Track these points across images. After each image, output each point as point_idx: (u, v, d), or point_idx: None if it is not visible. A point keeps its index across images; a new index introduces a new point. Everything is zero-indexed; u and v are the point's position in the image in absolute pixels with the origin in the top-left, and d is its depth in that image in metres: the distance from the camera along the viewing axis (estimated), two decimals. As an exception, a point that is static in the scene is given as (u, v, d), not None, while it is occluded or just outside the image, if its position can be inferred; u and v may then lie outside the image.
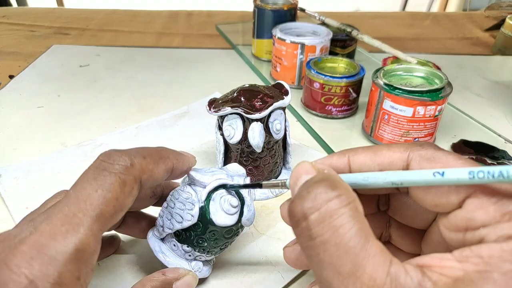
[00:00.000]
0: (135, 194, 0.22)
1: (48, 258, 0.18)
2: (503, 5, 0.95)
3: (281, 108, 0.36)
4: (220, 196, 0.26)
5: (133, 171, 0.21)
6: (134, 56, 0.70)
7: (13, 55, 0.70)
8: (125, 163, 0.21)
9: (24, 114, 0.52)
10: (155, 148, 0.24)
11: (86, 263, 0.19)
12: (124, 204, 0.21)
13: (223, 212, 0.26)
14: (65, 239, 0.18)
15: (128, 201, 0.21)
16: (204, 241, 0.27)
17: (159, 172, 0.23)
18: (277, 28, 0.58)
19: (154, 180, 0.23)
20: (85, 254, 0.19)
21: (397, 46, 0.53)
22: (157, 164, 0.23)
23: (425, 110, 0.41)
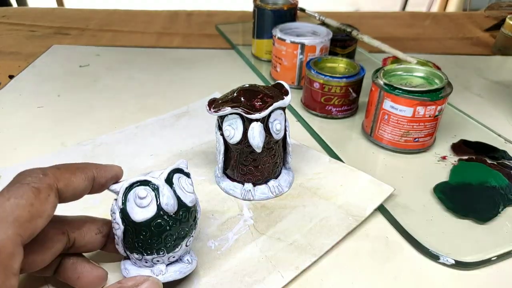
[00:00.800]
0: (53, 202, 0.22)
1: None
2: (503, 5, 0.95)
3: (281, 108, 0.36)
4: (132, 194, 0.26)
5: (46, 179, 0.22)
6: (134, 56, 0.70)
7: (13, 55, 0.70)
8: (37, 174, 0.22)
9: (24, 114, 0.52)
10: (72, 163, 0.25)
11: (4, 267, 0.19)
12: (41, 210, 0.21)
13: (137, 207, 0.26)
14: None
15: (45, 208, 0.22)
16: (144, 242, 0.26)
17: (77, 180, 0.24)
18: (277, 28, 0.58)
19: (74, 188, 0.24)
20: (1, 257, 0.19)
21: (397, 46, 0.53)
22: (74, 173, 0.24)
23: (425, 110, 0.41)
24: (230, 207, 0.37)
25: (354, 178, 0.40)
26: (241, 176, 0.38)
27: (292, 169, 0.41)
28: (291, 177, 0.40)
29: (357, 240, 0.34)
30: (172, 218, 0.26)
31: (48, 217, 0.22)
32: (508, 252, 0.33)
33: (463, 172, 0.42)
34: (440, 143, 0.47)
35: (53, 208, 0.22)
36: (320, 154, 0.44)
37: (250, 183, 0.38)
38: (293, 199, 0.38)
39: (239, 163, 0.37)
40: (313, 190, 0.39)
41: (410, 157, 0.45)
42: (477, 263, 0.32)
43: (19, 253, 0.20)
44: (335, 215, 0.36)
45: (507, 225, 0.36)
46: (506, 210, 0.37)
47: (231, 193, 0.38)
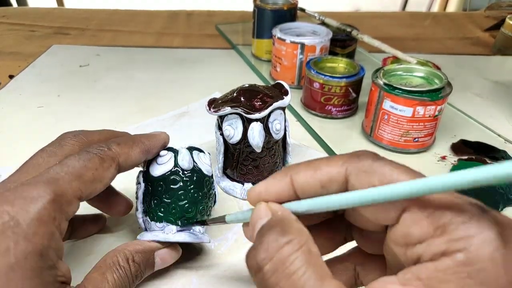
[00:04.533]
0: (113, 173, 0.25)
1: (29, 199, 0.21)
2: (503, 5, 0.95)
3: (281, 108, 0.36)
4: (155, 158, 0.29)
5: (110, 153, 0.25)
6: (134, 56, 0.70)
7: (13, 55, 0.70)
8: (103, 148, 0.25)
9: (24, 114, 0.52)
10: (128, 136, 0.29)
11: (61, 209, 0.22)
12: (103, 176, 0.24)
13: (157, 164, 0.29)
14: (46, 186, 0.21)
15: (106, 175, 0.25)
16: (159, 198, 0.29)
17: (135, 154, 0.27)
18: (277, 28, 0.58)
19: (133, 161, 0.27)
20: (61, 200, 0.22)
21: (397, 46, 0.53)
22: (132, 147, 0.27)
23: (425, 110, 0.41)
24: (230, 207, 0.37)
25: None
26: (241, 176, 0.38)
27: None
28: (291, 177, 0.40)
29: (357, 240, 0.34)
30: (186, 176, 0.29)
31: (106, 184, 0.25)
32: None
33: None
34: (440, 143, 0.47)
35: (112, 178, 0.25)
36: (320, 154, 0.44)
37: (250, 183, 0.38)
38: (293, 199, 0.38)
39: (239, 163, 0.37)
40: (313, 190, 0.39)
41: (410, 157, 0.45)
42: (477, 263, 0.32)
43: (76, 204, 0.23)
44: (335, 215, 0.36)
45: (507, 225, 0.36)
46: (506, 210, 0.37)
47: (231, 193, 0.38)
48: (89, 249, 0.33)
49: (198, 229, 0.30)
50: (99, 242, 0.33)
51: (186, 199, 0.29)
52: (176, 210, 0.29)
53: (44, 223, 0.20)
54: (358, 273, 0.23)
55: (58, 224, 0.22)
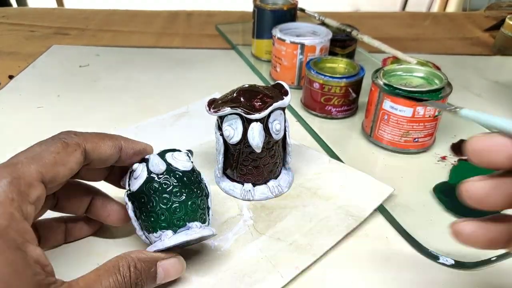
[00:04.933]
0: (78, 158, 0.25)
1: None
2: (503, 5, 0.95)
3: (281, 108, 0.36)
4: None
5: (75, 138, 0.26)
6: (134, 56, 0.70)
7: (13, 55, 0.70)
8: (70, 133, 0.26)
9: (24, 114, 0.52)
10: (105, 132, 0.29)
11: (20, 191, 0.22)
12: (65, 160, 0.25)
13: (133, 180, 0.30)
14: (3, 170, 0.22)
15: (69, 159, 0.25)
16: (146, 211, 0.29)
17: (105, 145, 0.27)
18: (277, 28, 0.58)
19: (101, 153, 0.27)
20: (20, 183, 0.22)
21: (397, 46, 0.53)
22: (102, 138, 0.27)
23: (425, 110, 0.41)
24: (229, 207, 0.37)
25: (354, 178, 0.40)
26: (240, 176, 0.38)
27: (292, 169, 0.41)
28: (291, 177, 0.40)
29: (357, 240, 0.34)
30: (163, 180, 0.29)
31: (71, 169, 0.25)
32: (508, 252, 0.33)
33: (463, 172, 0.42)
34: (440, 143, 0.47)
35: (77, 164, 0.26)
36: (320, 154, 0.44)
37: (249, 183, 0.38)
38: (293, 199, 0.38)
39: (238, 163, 0.37)
40: (313, 190, 0.39)
41: (410, 157, 0.45)
42: (477, 263, 0.32)
43: (38, 187, 0.23)
44: (335, 215, 0.36)
45: (507, 225, 0.36)
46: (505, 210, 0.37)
47: (231, 193, 0.38)
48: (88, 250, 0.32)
49: (195, 225, 0.29)
50: (98, 246, 0.33)
51: (170, 201, 0.28)
52: (165, 215, 0.28)
53: (1, 204, 0.21)
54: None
55: (18, 205, 0.22)
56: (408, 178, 0.41)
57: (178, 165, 0.30)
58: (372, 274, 0.32)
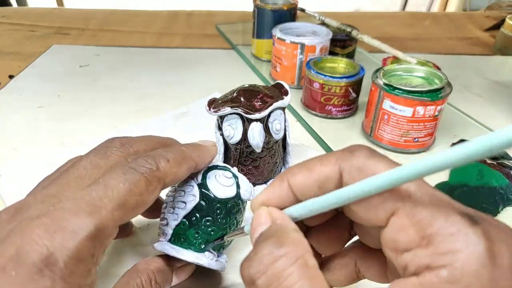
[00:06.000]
0: (158, 194, 0.23)
1: (69, 232, 0.18)
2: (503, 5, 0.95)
3: (281, 108, 0.36)
4: (214, 174, 0.27)
5: (158, 174, 0.22)
6: (134, 56, 0.70)
7: (13, 55, 0.70)
8: (151, 167, 0.22)
9: (24, 114, 0.52)
10: (178, 150, 0.25)
11: (101, 244, 0.20)
12: (146, 200, 0.22)
13: (220, 185, 0.27)
14: (87, 217, 0.19)
15: (150, 199, 0.22)
16: (211, 221, 0.27)
17: (182, 172, 0.24)
18: (277, 28, 0.58)
19: (177, 180, 0.25)
20: (102, 235, 0.20)
21: (397, 46, 0.53)
22: (180, 166, 0.24)
23: (425, 110, 0.41)
24: (230, 207, 0.37)
25: (354, 178, 0.40)
26: (241, 176, 0.38)
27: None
28: (291, 177, 0.40)
29: (357, 240, 0.34)
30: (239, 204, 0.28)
31: (147, 207, 0.23)
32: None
33: (463, 172, 0.42)
34: (440, 143, 0.47)
35: (155, 199, 0.23)
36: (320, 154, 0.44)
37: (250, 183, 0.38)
38: (293, 199, 0.38)
39: (239, 163, 0.37)
40: (313, 190, 0.39)
41: (410, 157, 0.45)
42: (477, 263, 0.32)
43: (115, 233, 0.21)
44: (335, 215, 0.36)
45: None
46: (506, 210, 0.37)
47: (231, 193, 0.38)
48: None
49: (212, 254, 0.28)
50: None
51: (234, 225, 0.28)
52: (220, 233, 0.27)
53: (82, 261, 0.19)
54: (359, 268, 0.22)
55: (96, 259, 0.20)
56: (408, 178, 0.41)
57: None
58: (372, 274, 0.32)
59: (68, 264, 0.18)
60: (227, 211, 0.27)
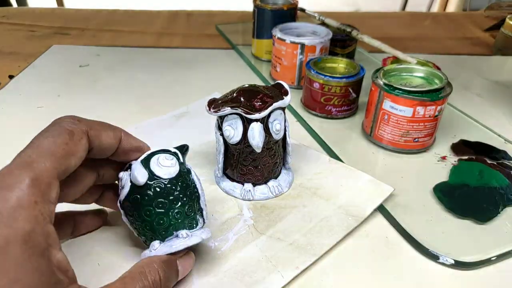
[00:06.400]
0: (85, 145, 0.25)
1: (6, 188, 0.21)
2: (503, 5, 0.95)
3: (281, 108, 0.36)
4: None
5: (79, 125, 0.25)
6: (134, 56, 0.70)
7: (13, 55, 0.70)
8: (73, 119, 0.25)
9: (24, 114, 0.52)
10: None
11: (42, 193, 0.21)
12: (74, 150, 0.24)
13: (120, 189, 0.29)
14: (20, 171, 0.21)
15: (78, 148, 0.24)
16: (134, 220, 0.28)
17: (107, 134, 0.27)
18: (277, 28, 0.58)
19: (102, 141, 0.27)
20: (40, 183, 0.21)
21: (397, 46, 0.53)
22: (104, 127, 0.27)
23: (425, 110, 0.41)
24: (230, 207, 0.37)
25: (354, 178, 0.40)
26: (241, 176, 0.38)
27: (292, 169, 0.41)
28: (291, 177, 0.40)
29: (357, 240, 0.34)
30: (145, 191, 0.27)
31: (80, 158, 0.25)
32: (508, 252, 0.33)
33: (463, 172, 0.42)
34: (440, 143, 0.47)
35: (85, 151, 0.25)
36: (320, 154, 0.44)
37: (250, 183, 0.38)
38: (293, 199, 0.38)
39: (239, 163, 0.37)
40: (313, 190, 0.39)
41: (410, 157, 0.45)
42: (477, 263, 0.32)
43: (56, 184, 0.23)
44: (335, 215, 0.36)
45: (507, 225, 0.36)
46: (506, 210, 0.37)
47: (231, 193, 0.38)
48: (87, 250, 0.32)
49: (181, 234, 0.28)
50: (98, 240, 0.33)
51: (153, 213, 0.28)
52: (150, 226, 0.28)
53: (24, 208, 0.20)
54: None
55: (42, 207, 0.21)
56: (408, 178, 0.41)
57: (161, 173, 0.28)
58: (372, 274, 0.32)
59: (10, 212, 0.20)
60: (133, 206, 0.28)
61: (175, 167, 0.29)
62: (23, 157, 0.22)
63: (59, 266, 0.21)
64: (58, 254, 0.22)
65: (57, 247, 0.22)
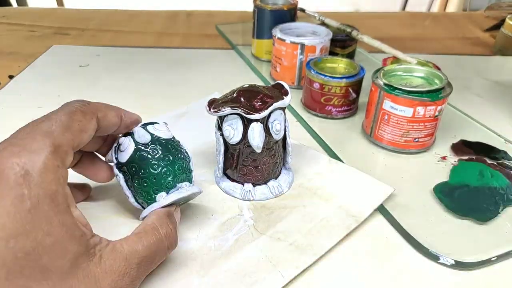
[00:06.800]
0: (95, 124, 0.28)
1: (33, 151, 0.23)
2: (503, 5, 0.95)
3: (281, 109, 0.36)
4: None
5: (90, 107, 0.28)
6: (134, 56, 0.70)
7: (13, 55, 0.70)
8: (84, 103, 0.28)
9: (24, 114, 0.52)
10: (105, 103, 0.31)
11: (62, 159, 0.24)
12: (87, 127, 0.27)
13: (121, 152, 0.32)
14: (43, 140, 0.24)
15: (89, 127, 0.27)
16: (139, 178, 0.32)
17: (112, 114, 0.30)
18: (277, 28, 0.58)
19: (108, 121, 0.30)
20: (60, 150, 0.24)
21: (397, 46, 0.53)
22: (109, 108, 0.30)
23: (425, 110, 0.41)
24: (230, 208, 0.37)
25: (354, 178, 0.40)
26: (241, 176, 0.38)
27: (292, 169, 0.41)
28: (291, 177, 0.40)
29: (357, 240, 0.34)
30: (150, 148, 0.32)
31: (90, 136, 0.28)
32: (508, 252, 0.33)
33: (463, 172, 0.42)
34: (440, 143, 0.47)
35: (94, 130, 0.28)
36: (320, 154, 0.44)
37: (250, 183, 0.38)
38: (293, 199, 0.38)
39: (239, 163, 0.37)
40: (313, 190, 0.39)
41: (410, 157, 0.45)
42: (477, 263, 0.32)
43: (71, 154, 0.26)
44: (335, 215, 0.36)
45: (507, 225, 0.36)
46: (506, 210, 0.37)
47: (231, 194, 0.38)
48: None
49: (184, 184, 0.33)
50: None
51: (160, 166, 0.32)
52: (157, 179, 0.32)
53: (50, 171, 0.23)
54: None
55: (62, 171, 0.24)
56: (408, 178, 0.41)
57: (160, 135, 0.33)
58: (372, 274, 0.32)
59: (39, 174, 0.22)
60: (139, 164, 0.32)
61: (170, 132, 0.34)
62: (45, 127, 0.25)
63: (80, 221, 0.24)
64: (76, 211, 0.25)
65: (74, 205, 0.25)
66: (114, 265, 0.24)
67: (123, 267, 0.25)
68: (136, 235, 0.27)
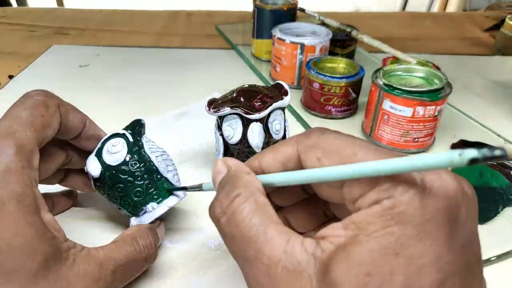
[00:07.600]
0: (58, 118, 0.27)
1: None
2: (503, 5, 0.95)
3: (281, 108, 0.36)
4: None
5: (53, 99, 0.27)
6: (134, 56, 0.70)
7: (13, 55, 0.70)
8: (45, 94, 0.27)
9: (24, 114, 0.52)
10: None
11: (27, 159, 0.23)
12: (50, 121, 0.26)
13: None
14: (5, 140, 0.23)
15: (53, 120, 0.26)
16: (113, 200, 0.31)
17: (75, 115, 0.29)
18: (276, 28, 0.58)
19: (70, 120, 0.28)
20: (24, 151, 0.23)
21: (397, 46, 0.53)
22: (72, 107, 0.29)
23: (425, 110, 0.41)
24: (229, 207, 0.37)
25: (353, 178, 0.40)
26: (240, 176, 0.38)
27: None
28: (291, 177, 0.40)
29: (357, 240, 0.34)
30: (101, 182, 0.30)
31: (54, 130, 0.27)
32: (508, 252, 0.33)
33: (462, 172, 0.42)
34: (440, 143, 0.47)
35: (58, 124, 0.27)
36: (320, 154, 0.44)
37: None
38: (292, 199, 0.38)
39: (238, 163, 0.37)
40: (312, 190, 0.39)
41: (410, 157, 0.45)
42: (477, 263, 0.32)
43: (37, 152, 0.25)
44: (334, 215, 0.36)
45: (507, 225, 0.36)
46: (506, 210, 0.37)
47: (231, 193, 0.38)
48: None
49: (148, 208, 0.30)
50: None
51: (115, 197, 0.30)
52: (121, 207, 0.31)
53: (13, 173, 0.22)
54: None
55: (28, 172, 0.23)
56: (408, 178, 0.41)
57: (111, 161, 0.30)
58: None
59: (2, 176, 0.22)
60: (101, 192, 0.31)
61: (122, 151, 0.30)
62: (4, 127, 0.24)
63: (51, 225, 0.23)
64: (47, 215, 0.24)
65: (45, 209, 0.24)
66: (88, 269, 0.24)
67: (97, 272, 0.24)
68: (114, 243, 0.27)
